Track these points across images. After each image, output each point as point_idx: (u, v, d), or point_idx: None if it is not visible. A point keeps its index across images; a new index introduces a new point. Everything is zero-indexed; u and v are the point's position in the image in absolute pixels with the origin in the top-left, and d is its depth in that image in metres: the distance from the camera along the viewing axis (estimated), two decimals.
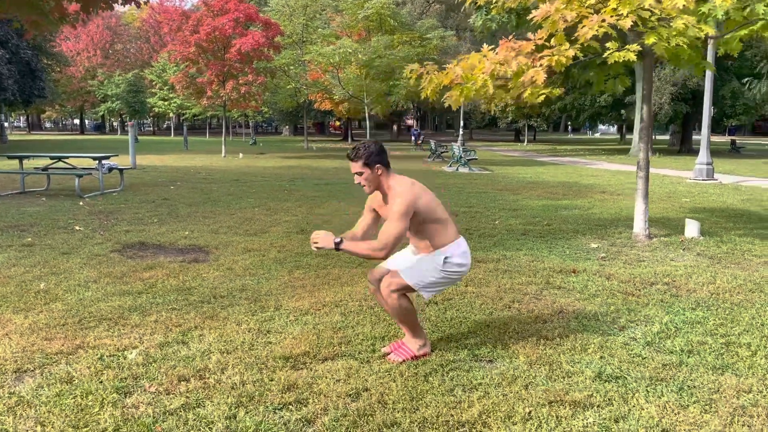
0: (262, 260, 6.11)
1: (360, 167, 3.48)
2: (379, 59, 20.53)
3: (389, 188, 3.51)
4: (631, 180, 16.13)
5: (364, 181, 3.51)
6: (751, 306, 4.64)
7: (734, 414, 2.87)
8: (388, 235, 3.34)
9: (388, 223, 3.38)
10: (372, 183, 3.51)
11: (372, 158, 3.47)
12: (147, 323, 4.18)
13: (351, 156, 3.52)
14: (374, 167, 3.47)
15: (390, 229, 3.35)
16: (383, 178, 3.51)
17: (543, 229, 7.97)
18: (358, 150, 3.49)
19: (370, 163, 3.47)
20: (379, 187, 3.54)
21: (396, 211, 3.36)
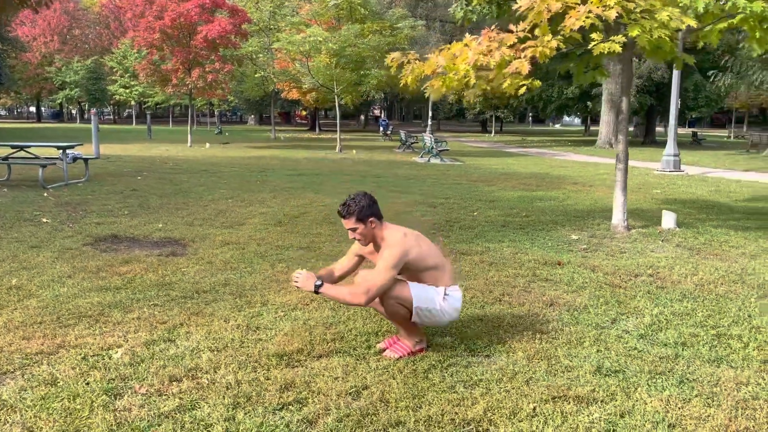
0: (243, 253, 5.97)
1: (353, 223, 3.43)
2: (350, 48, 20.33)
3: (382, 239, 3.46)
4: (600, 171, 16.35)
5: (359, 236, 3.47)
6: (736, 297, 4.70)
7: (737, 407, 2.87)
8: (372, 283, 3.28)
9: (376, 272, 3.32)
10: (367, 237, 3.47)
11: (364, 212, 3.42)
12: (129, 320, 4.02)
13: (342, 213, 3.46)
14: (367, 221, 3.43)
15: (376, 278, 3.29)
16: (377, 230, 3.46)
17: (522, 221, 7.98)
18: (348, 206, 3.43)
19: (363, 218, 3.42)
20: (374, 239, 3.49)
21: (385, 262, 3.31)
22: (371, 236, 3.48)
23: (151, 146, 24.44)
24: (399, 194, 10.66)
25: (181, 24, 23.33)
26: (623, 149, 7.47)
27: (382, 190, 11.12)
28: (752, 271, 5.49)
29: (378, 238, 3.49)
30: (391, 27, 22.58)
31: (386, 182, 12.69)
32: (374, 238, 3.49)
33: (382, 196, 10.12)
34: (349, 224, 3.46)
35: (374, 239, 3.50)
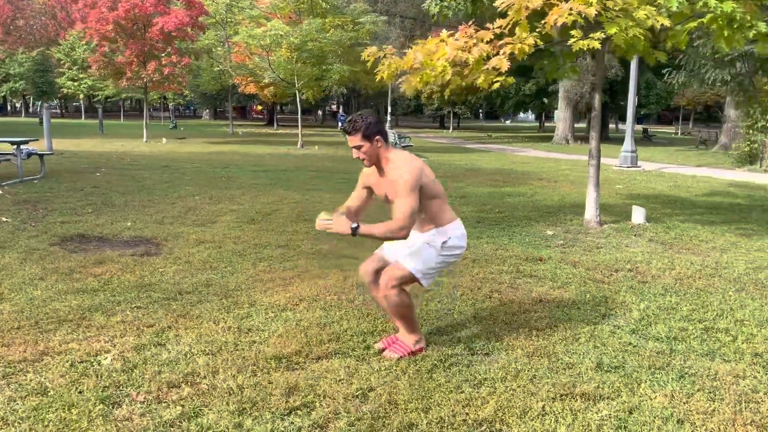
0: (220, 252, 5.82)
1: (359, 140, 3.27)
2: (311, 43, 20.12)
3: (387, 161, 3.33)
4: (561, 167, 16.63)
5: (363, 154, 3.31)
6: (715, 291, 4.82)
7: (740, 401, 2.93)
8: (403, 212, 3.17)
9: (400, 199, 3.19)
10: (372, 156, 3.31)
11: (371, 130, 3.27)
12: (113, 324, 3.86)
13: (348, 129, 3.30)
14: (374, 139, 3.28)
15: (403, 205, 3.18)
16: (382, 150, 3.32)
17: (496, 217, 8.03)
18: (355, 122, 3.28)
19: (370, 135, 3.27)
20: (377, 161, 3.35)
21: (404, 186, 3.18)
22: (376, 156, 3.33)
23: (104, 141, 23.72)
24: None
25: (135, 15, 22.67)
26: (596, 146, 7.60)
27: (351, 187, 11.00)
28: (726, 264, 5.65)
29: (383, 160, 3.34)
30: (353, 22, 22.46)
31: (355, 178, 12.57)
32: (379, 159, 3.34)
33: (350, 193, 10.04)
34: (354, 141, 3.29)
35: (379, 160, 3.34)
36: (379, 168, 3.39)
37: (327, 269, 5.24)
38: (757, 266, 5.58)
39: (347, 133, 3.32)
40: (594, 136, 7.62)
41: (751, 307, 4.38)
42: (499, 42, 6.49)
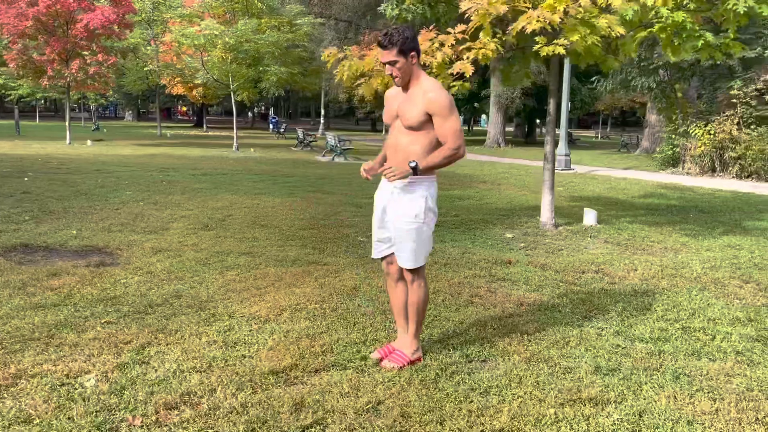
0: (182, 262, 5.56)
1: (394, 55, 3.11)
2: (248, 44, 19.68)
3: (417, 79, 3.20)
4: (499, 170, 16.99)
5: (398, 71, 3.16)
6: (680, 291, 5.00)
7: (740, 400, 3.03)
8: (453, 132, 3.12)
9: (444, 121, 3.12)
10: (406, 74, 3.17)
11: (408, 44, 3.12)
12: (86, 342, 3.60)
13: (384, 43, 3.12)
14: (410, 55, 3.15)
15: (451, 126, 3.12)
16: (416, 68, 3.19)
17: (454, 220, 8.08)
18: (391, 36, 3.11)
19: (406, 50, 3.13)
20: (409, 80, 3.20)
21: (447, 106, 3.11)
22: (410, 74, 3.18)
23: (23, 143, 22.39)
24: (320, 194, 10.46)
25: (57, 11, 21.53)
26: (550, 150, 7.77)
27: (300, 191, 10.87)
28: (683, 264, 5.89)
29: (414, 79, 3.21)
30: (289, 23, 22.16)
31: (301, 182, 12.41)
32: (411, 77, 3.20)
33: (302, 197, 9.89)
34: (389, 56, 3.13)
35: (410, 79, 3.21)
36: (405, 87, 3.25)
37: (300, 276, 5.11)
38: (712, 266, 5.85)
39: (382, 46, 3.15)
40: (548, 141, 7.80)
41: (718, 306, 4.57)
42: (461, 47, 6.54)
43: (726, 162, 16.65)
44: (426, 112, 3.18)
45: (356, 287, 4.87)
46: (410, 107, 3.21)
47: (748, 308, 4.54)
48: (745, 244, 6.87)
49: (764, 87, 16.05)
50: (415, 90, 3.22)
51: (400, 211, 3.31)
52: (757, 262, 6.02)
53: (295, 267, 5.46)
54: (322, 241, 6.59)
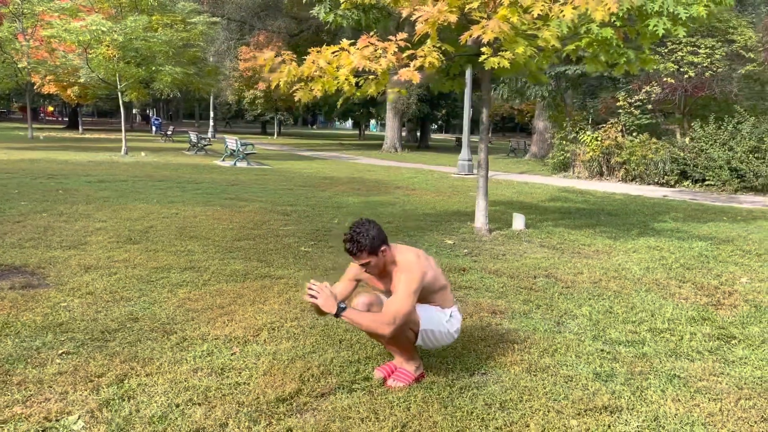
0: (120, 280, 5.11)
1: (366, 258, 3.12)
2: (138, 42, 18.56)
3: (394, 264, 3.21)
4: (406, 175, 17.19)
5: (372, 269, 3.18)
6: (630, 293, 5.26)
7: (738, 399, 3.21)
8: (396, 311, 3.04)
9: (397, 298, 3.08)
10: (380, 266, 3.19)
11: (376, 243, 3.12)
12: (52, 377, 3.19)
13: (353, 251, 3.11)
14: (379, 251, 3.15)
15: (399, 306, 3.06)
16: (388, 257, 3.20)
17: (388, 227, 8.04)
18: (358, 243, 3.08)
19: (375, 249, 3.13)
20: (384, 267, 3.21)
21: (406, 288, 3.09)
22: (384, 265, 3.21)
23: None
24: (238, 202, 10.04)
25: None
26: (484, 157, 7.94)
27: (215, 198, 10.38)
28: (621, 267, 6.21)
29: (388, 264, 3.22)
30: (183, 21, 21.15)
31: (212, 189, 11.86)
32: (385, 265, 3.22)
33: (221, 205, 9.46)
34: (361, 261, 3.15)
35: (386, 268, 3.22)
36: (384, 274, 3.25)
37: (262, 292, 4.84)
38: (647, 267, 6.21)
39: (351, 254, 3.13)
40: (483, 148, 7.97)
41: (670, 307, 4.85)
42: (403, 54, 6.52)
43: (612, 166, 17.89)
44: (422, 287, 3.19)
45: None
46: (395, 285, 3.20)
47: (697, 307, 4.85)
48: (664, 246, 7.37)
49: (645, 97, 17.43)
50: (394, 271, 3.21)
51: None
52: (682, 262, 6.47)
53: (248, 282, 5.18)
54: (264, 253, 6.31)
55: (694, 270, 6.15)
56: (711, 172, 15.81)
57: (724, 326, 4.39)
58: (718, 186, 15.61)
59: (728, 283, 5.67)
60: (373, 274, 3.26)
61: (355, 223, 3.20)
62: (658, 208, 11.43)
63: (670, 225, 9.17)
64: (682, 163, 16.47)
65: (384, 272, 3.26)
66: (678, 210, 11.15)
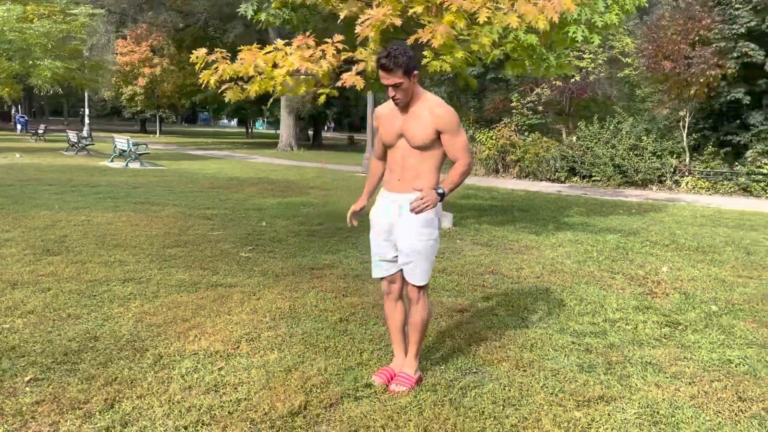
0: (57, 295, 4.71)
1: (400, 77, 2.98)
2: (12, 33, 17.01)
3: (418, 97, 3.11)
4: (310, 175, 17.07)
5: (402, 93, 3.04)
6: (573, 286, 5.57)
7: (711, 381, 3.51)
8: (463, 148, 3.12)
9: (454, 138, 3.10)
10: (408, 95, 3.06)
11: (411, 64, 3.01)
12: (30, 407, 2.90)
13: (388, 66, 2.95)
14: (413, 74, 3.04)
15: (461, 142, 3.11)
16: (416, 86, 3.10)
17: (321, 229, 7.97)
18: (396, 58, 2.94)
19: (410, 71, 3.01)
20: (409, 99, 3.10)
21: (456, 122, 3.10)
22: (410, 95, 3.08)
23: None
24: (151, 207, 9.52)
25: None
26: None
27: (124, 203, 9.78)
28: (555, 261, 6.55)
29: (415, 96, 3.11)
30: (62, 12, 19.57)
31: (113, 193, 11.14)
32: (412, 96, 3.09)
33: (133, 210, 8.94)
34: (394, 79, 2.98)
35: (411, 98, 3.10)
36: (405, 106, 3.13)
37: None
38: (577, 260, 6.61)
39: (386, 69, 2.97)
40: None
41: (613, 298, 5.20)
42: (342, 56, 6.50)
43: (508, 164, 18.79)
44: (436, 130, 3.13)
45: (292, 307, 4.59)
46: (417, 126, 3.13)
47: (636, 297, 5.24)
48: (583, 239, 7.87)
49: (536, 99, 18.46)
50: (419, 108, 3.14)
51: (413, 229, 3.22)
52: (606, 254, 6.95)
53: (202, 292, 4.95)
54: (204, 261, 6.05)
55: (619, 261, 6.62)
56: (597, 169, 17.04)
57: (667, 314, 4.78)
58: (604, 181, 16.85)
59: (653, 273, 6.16)
60: (401, 102, 3.09)
61: (389, 44, 3.10)
62: (560, 203, 12.16)
63: (578, 219, 9.80)
64: (571, 161, 17.61)
65: (406, 106, 3.13)
66: (579, 205, 11.92)
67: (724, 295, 5.35)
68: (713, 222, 10.09)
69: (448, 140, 3.14)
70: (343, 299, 4.87)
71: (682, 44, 14.89)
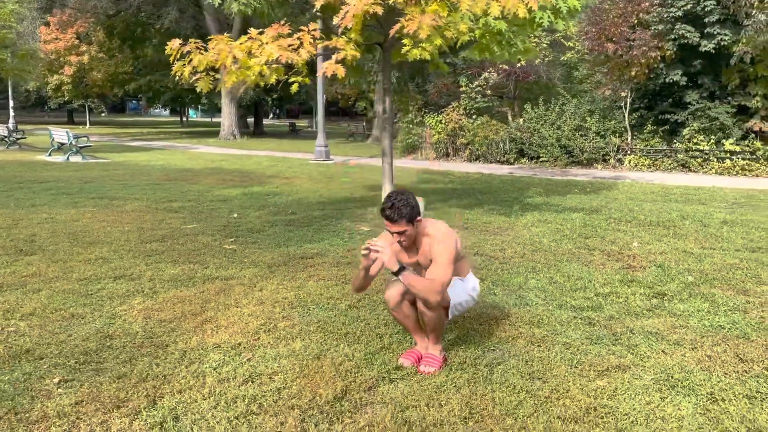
0: (55, 295, 4.60)
1: (404, 226, 3.20)
2: None
3: (425, 235, 3.32)
4: (264, 163, 16.87)
5: (407, 239, 3.25)
6: (556, 264, 5.80)
7: (712, 345, 3.78)
8: (441, 281, 3.18)
9: (438, 269, 3.20)
10: (412, 239, 3.28)
11: (414, 212, 3.22)
12: (73, 408, 2.87)
13: (393, 217, 3.17)
14: (416, 220, 3.25)
15: (443, 274, 3.20)
16: (420, 228, 3.31)
17: (297, 219, 7.97)
18: (399, 210, 3.16)
19: (413, 218, 3.23)
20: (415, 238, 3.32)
21: (445, 258, 3.22)
22: (415, 236, 3.29)
23: None
24: (112, 201, 9.25)
25: None
26: (388, 144, 8.16)
27: (82, 199, 9.47)
28: (533, 240, 6.78)
29: (419, 235, 3.32)
30: None
31: (66, 189, 10.72)
32: (416, 236, 3.32)
33: (94, 206, 8.70)
34: (399, 228, 3.21)
35: (416, 237, 3.32)
36: (411, 246, 3.35)
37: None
38: (553, 239, 6.87)
39: (391, 221, 3.19)
40: (386, 135, 8.18)
41: (597, 274, 5.45)
42: (319, 45, 6.50)
43: (458, 147, 19.10)
44: None
45: (297, 297, 4.63)
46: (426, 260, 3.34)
47: (618, 272, 5.52)
48: (551, 219, 8.17)
49: (484, 83, 18.81)
50: (425, 244, 3.33)
51: None
52: (579, 232, 7.25)
53: (200, 286, 4.91)
54: (190, 255, 5.98)
55: (591, 238, 6.93)
56: (544, 150, 17.55)
57: (650, 285, 5.08)
58: (551, 162, 17.38)
59: (625, 248, 6.49)
60: (404, 245, 3.31)
61: (392, 192, 3.29)
62: (517, 184, 12.51)
63: (540, 200, 10.13)
64: (520, 143, 18.07)
65: (412, 244, 3.35)
66: (535, 185, 12.31)
67: (695, 266, 5.71)
68: (663, 198, 10.64)
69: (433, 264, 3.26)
70: (344, 287, 4.94)
71: (623, 27, 15.50)
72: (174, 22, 30.06)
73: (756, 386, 3.22)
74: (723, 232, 7.36)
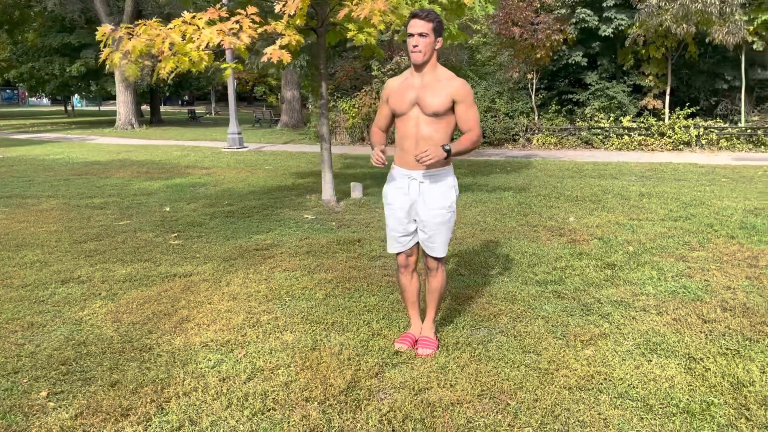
0: (1, 306, 4.24)
1: (429, 29, 3.20)
2: None
3: (434, 68, 3.30)
4: (176, 153, 16.24)
5: (424, 45, 3.21)
6: (506, 241, 6.02)
7: (675, 308, 4.08)
8: (477, 121, 3.31)
9: (469, 110, 3.28)
10: (427, 52, 3.24)
11: (440, 27, 3.28)
12: (74, 422, 2.69)
13: (422, 15, 3.20)
14: (437, 39, 3.27)
15: (474, 115, 3.31)
16: (435, 53, 3.30)
17: (236, 210, 7.74)
18: (429, 13, 3.23)
19: (438, 31, 3.26)
20: (426, 61, 3.25)
21: (471, 96, 3.30)
22: (430, 54, 3.26)
23: None
24: (24, 200, 8.59)
25: None
26: (326, 131, 8.09)
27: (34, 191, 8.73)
28: (477, 219, 6.99)
29: (431, 65, 3.29)
30: None
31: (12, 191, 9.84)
32: (429, 58, 3.26)
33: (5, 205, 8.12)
34: (424, 28, 3.18)
35: (428, 60, 3.26)
36: (419, 69, 3.29)
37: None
38: (495, 218, 7.09)
39: (420, 18, 3.21)
40: (324, 123, 8.10)
41: (546, 249, 5.71)
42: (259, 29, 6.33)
43: None
44: (452, 99, 3.29)
45: (270, 289, 4.54)
46: (434, 94, 3.27)
47: (565, 246, 5.80)
48: (486, 198, 8.42)
49: (396, 67, 18.93)
50: (434, 78, 3.30)
51: (434, 203, 3.36)
52: (516, 210, 7.52)
53: (159, 285, 4.70)
54: (135, 253, 5.69)
55: (530, 216, 7.23)
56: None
57: (599, 257, 5.39)
58: None
59: (563, 223, 6.83)
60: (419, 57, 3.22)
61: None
62: None
63: (467, 180, 10.40)
64: None
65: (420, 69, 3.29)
66: (457, 166, 12.61)
67: (632, 237, 6.11)
68: (579, 174, 11.24)
69: (463, 111, 3.30)
70: (313, 276, 4.89)
71: (527, 11, 16.11)
72: (58, 5, 27.98)
73: (724, 344, 3.52)
74: (643, 203, 7.90)
